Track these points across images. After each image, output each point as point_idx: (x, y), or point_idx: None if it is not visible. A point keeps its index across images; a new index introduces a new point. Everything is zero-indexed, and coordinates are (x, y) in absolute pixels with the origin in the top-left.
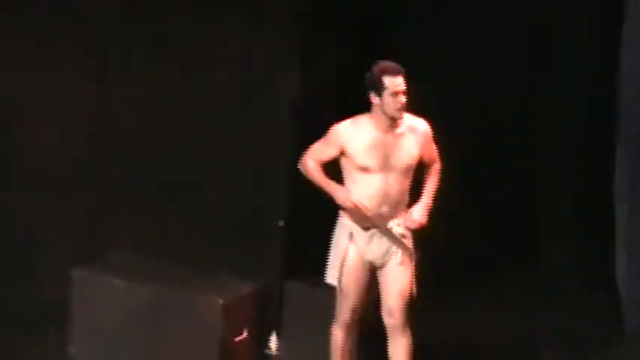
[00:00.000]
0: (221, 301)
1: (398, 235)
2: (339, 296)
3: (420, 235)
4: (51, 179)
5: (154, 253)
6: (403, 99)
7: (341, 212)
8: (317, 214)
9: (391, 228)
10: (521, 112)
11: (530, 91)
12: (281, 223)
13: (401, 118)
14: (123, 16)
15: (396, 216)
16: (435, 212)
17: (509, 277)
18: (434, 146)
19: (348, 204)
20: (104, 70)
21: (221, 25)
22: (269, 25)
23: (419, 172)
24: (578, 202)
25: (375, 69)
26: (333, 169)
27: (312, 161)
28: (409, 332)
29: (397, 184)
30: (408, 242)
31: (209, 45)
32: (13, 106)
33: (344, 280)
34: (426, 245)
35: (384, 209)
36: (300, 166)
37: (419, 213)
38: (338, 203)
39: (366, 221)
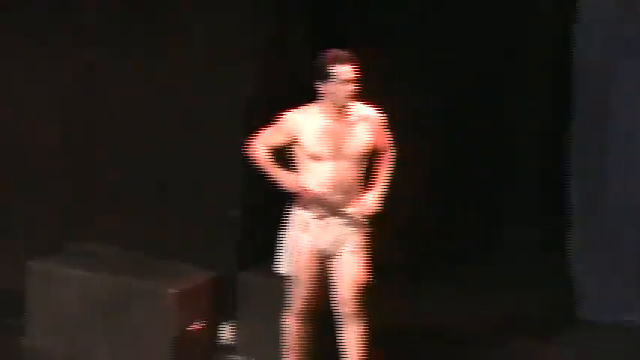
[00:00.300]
0: (176, 290)
1: (351, 223)
2: (293, 285)
3: (380, 222)
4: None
5: (111, 243)
6: (353, 87)
7: (294, 202)
8: (271, 204)
9: (344, 215)
10: (488, 103)
11: (497, 83)
12: (235, 212)
13: (351, 106)
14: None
15: (349, 204)
16: (396, 200)
17: (467, 265)
18: (386, 134)
19: (293, 188)
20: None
21: (184, 21)
22: (234, 20)
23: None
24: (540, 192)
25: (325, 57)
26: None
27: (259, 146)
28: (363, 321)
29: (348, 172)
30: (361, 230)
31: (174, 42)
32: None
33: (298, 269)
34: (388, 233)
35: (336, 197)
36: (246, 150)
37: (371, 200)
38: (283, 189)
39: (317, 207)
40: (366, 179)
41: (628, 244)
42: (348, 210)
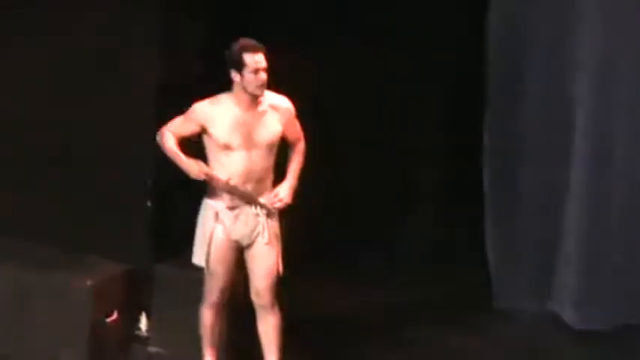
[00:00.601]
0: (91, 282)
1: (264, 213)
2: (207, 277)
3: (287, 212)
4: None
5: (22, 234)
6: (264, 76)
7: (208, 192)
8: (186, 195)
9: (257, 205)
10: (388, 88)
11: (409, 74)
12: (149, 203)
13: (262, 95)
14: None
15: (261, 194)
16: (301, 190)
17: (378, 254)
18: (298, 124)
19: (202, 176)
20: None
21: (86, 8)
22: (135, 6)
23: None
24: (447, 175)
25: (235, 46)
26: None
27: (169, 134)
28: (277, 311)
29: (260, 161)
30: (274, 222)
31: (75, 27)
32: None
33: (211, 260)
34: (295, 221)
35: (248, 187)
36: (157, 138)
37: (284, 192)
38: (191, 177)
39: (230, 197)
40: (278, 169)
41: (540, 234)
42: (261, 200)
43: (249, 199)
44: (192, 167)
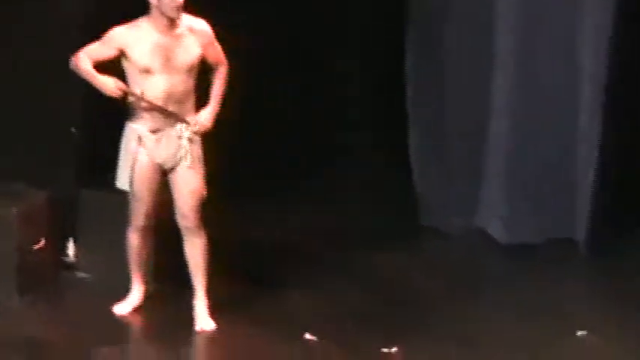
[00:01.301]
0: (16, 210)
1: (186, 137)
2: (131, 200)
3: (215, 136)
4: None
5: None
6: None
7: (130, 116)
8: (111, 120)
9: (180, 122)
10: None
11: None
12: (73, 130)
13: (179, 18)
14: None
15: (183, 117)
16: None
17: (306, 173)
18: (218, 47)
19: (118, 92)
20: None
21: None
22: None
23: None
24: (377, 94)
25: None
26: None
27: (85, 57)
28: (203, 232)
29: (181, 84)
30: (196, 145)
31: None
32: None
33: (135, 184)
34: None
35: (170, 110)
36: (71, 61)
37: (205, 117)
38: (108, 94)
39: (152, 118)
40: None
41: (465, 151)
42: (183, 124)
43: (171, 117)
44: (107, 84)
